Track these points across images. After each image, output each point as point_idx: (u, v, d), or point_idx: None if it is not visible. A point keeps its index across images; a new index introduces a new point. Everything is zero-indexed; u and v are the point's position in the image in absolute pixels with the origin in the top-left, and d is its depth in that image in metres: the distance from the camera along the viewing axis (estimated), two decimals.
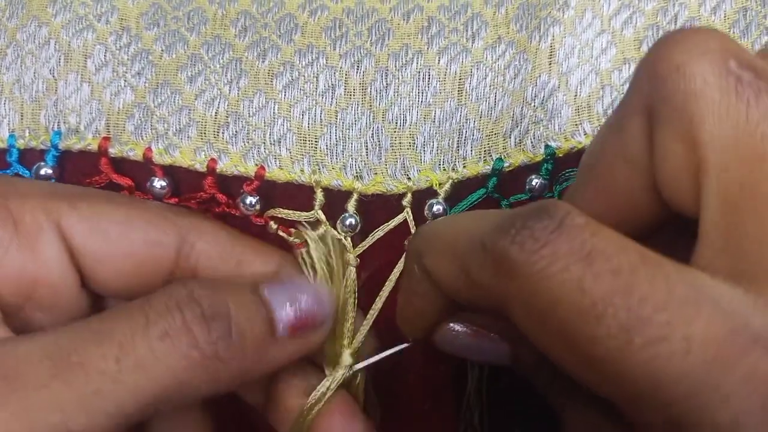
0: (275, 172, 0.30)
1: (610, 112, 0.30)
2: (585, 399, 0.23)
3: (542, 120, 0.30)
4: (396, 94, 0.30)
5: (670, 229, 0.23)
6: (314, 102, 0.30)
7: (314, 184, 0.30)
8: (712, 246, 0.20)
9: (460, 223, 0.24)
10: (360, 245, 0.30)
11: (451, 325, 0.26)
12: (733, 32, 0.30)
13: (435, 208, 0.30)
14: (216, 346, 0.23)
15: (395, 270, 0.30)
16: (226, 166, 0.30)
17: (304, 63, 0.30)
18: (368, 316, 0.30)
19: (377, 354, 0.29)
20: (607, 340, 0.19)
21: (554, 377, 0.25)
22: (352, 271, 0.29)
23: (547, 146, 0.29)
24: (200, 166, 0.30)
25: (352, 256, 0.30)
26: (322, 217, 0.30)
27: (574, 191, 0.24)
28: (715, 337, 0.18)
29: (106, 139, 0.30)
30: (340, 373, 0.29)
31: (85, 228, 0.27)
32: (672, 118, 0.20)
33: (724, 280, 0.19)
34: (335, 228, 0.30)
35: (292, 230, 0.30)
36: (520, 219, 0.20)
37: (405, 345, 0.28)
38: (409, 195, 0.30)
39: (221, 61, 0.30)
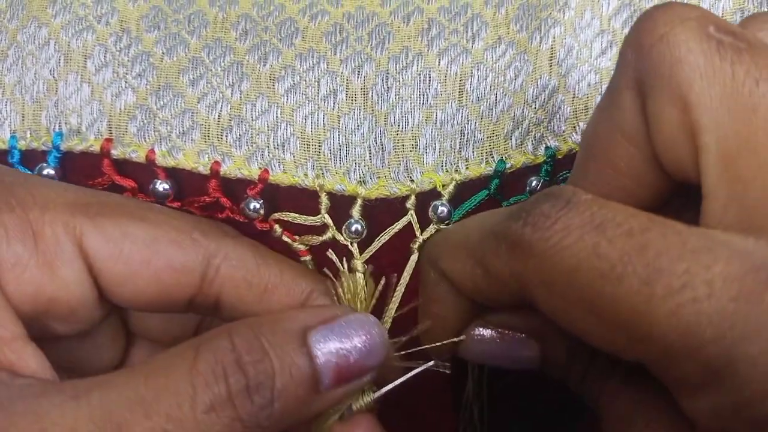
0: (279, 176, 0.30)
1: None
2: (619, 381, 0.24)
3: (543, 121, 0.30)
4: (397, 96, 0.30)
5: (675, 205, 0.23)
6: (316, 106, 0.30)
7: (318, 188, 0.30)
8: (717, 202, 0.21)
9: (470, 223, 0.24)
10: (367, 250, 0.30)
11: (476, 329, 0.26)
12: None
13: (440, 209, 0.30)
14: (257, 417, 0.23)
15: (404, 274, 0.30)
16: (229, 168, 0.30)
17: (305, 67, 0.30)
18: (383, 324, 0.29)
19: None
20: (630, 297, 0.19)
21: (587, 368, 0.25)
22: (360, 278, 0.30)
23: (547, 148, 0.30)
24: (204, 169, 0.30)
25: (359, 263, 0.30)
26: (329, 221, 0.30)
27: (576, 175, 0.25)
28: (735, 276, 0.18)
29: (109, 140, 0.30)
30: (360, 396, 0.28)
31: (109, 251, 0.26)
32: (662, 87, 0.21)
33: (735, 233, 0.20)
34: (341, 233, 0.30)
35: (296, 237, 0.31)
36: (529, 204, 0.21)
37: (429, 364, 0.27)
38: (413, 197, 0.30)
39: (222, 64, 0.30)
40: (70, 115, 0.30)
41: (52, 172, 0.31)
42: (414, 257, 0.30)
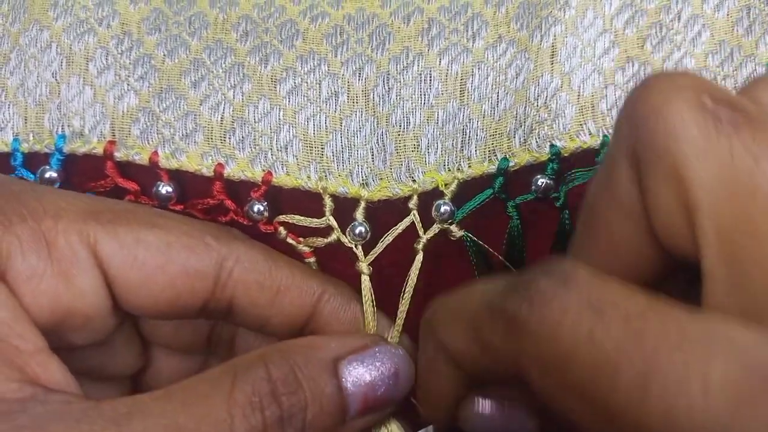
0: (282, 178, 0.30)
1: (614, 111, 0.30)
2: None
3: (546, 120, 0.30)
4: (398, 97, 0.30)
5: (682, 279, 0.23)
6: (318, 109, 0.30)
7: (321, 190, 0.30)
8: (717, 286, 0.20)
9: (469, 292, 0.24)
10: (371, 252, 0.30)
11: (476, 401, 0.26)
12: (737, 30, 0.31)
13: (442, 209, 0.30)
14: None
15: (411, 275, 0.30)
16: (233, 171, 0.30)
17: (306, 69, 0.30)
18: (395, 325, 0.30)
19: None
20: (624, 391, 0.18)
21: None
22: (366, 280, 0.30)
23: (552, 146, 0.30)
24: (207, 171, 0.30)
25: (364, 265, 0.30)
26: (334, 223, 0.30)
27: (576, 246, 0.24)
28: (733, 377, 0.17)
29: (112, 143, 0.30)
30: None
31: (123, 258, 0.26)
32: (656, 162, 0.20)
33: (736, 319, 0.19)
34: (345, 236, 0.30)
35: (301, 239, 0.31)
36: (527, 278, 0.20)
37: (428, 427, 0.28)
38: (415, 197, 0.30)
39: (223, 65, 0.30)
40: (72, 118, 0.31)
41: (54, 174, 0.31)
42: (419, 257, 0.30)
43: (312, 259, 0.31)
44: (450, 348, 0.24)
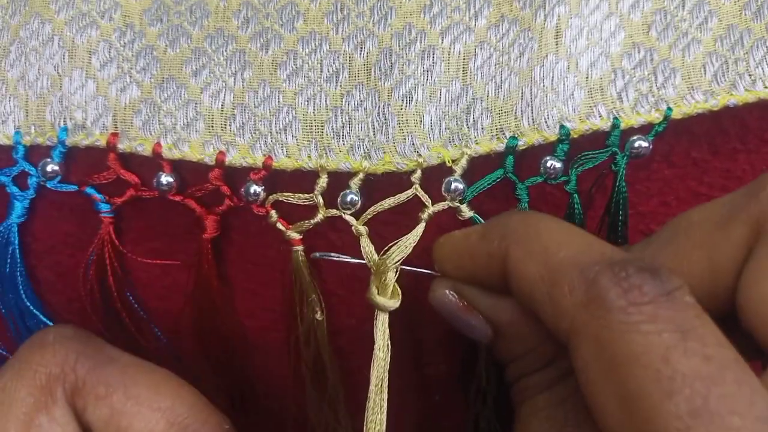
0: (283, 161, 0.29)
1: (623, 96, 0.29)
2: (542, 405, 0.24)
3: (555, 102, 0.29)
4: (401, 72, 0.29)
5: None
6: (319, 88, 0.30)
7: (320, 168, 0.29)
8: None
9: (565, 236, 0.24)
10: (364, 214, 0.30)
11: (448, 292, 0.27)
12: (745, 14, 0.30)
13: (453, 185, 0.29)
14: None
15: (411, 235, 0.30)
16: (234, 158, 0.29)
17: (307, 51, 0.30)
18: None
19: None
20: (671, 419, 0.18)
21: (520, 377, 0.25)
22: (366, 241, 0.30)
23: (562, 126, 0.29)
24: (209, 160, 0.30)
25: (361, 227, 0.30)
26: (320, 201, 0.30)
27: (659, 247, 0.24)
28: None
29: (114, 134, 0.30)
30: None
31: None
32: None
33: None
34: (336, 205, 0.30)
35: (291, 226, 0.31)
36: (634, 268, 0.20)
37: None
38: (419, 171, 0.29)
39: (225, 53, 0.30)
40: (75, 111, 0.30)
41: (56, 167, 0.31)
42: (421, 226, 0.30)
43: (300, 247, 0.31)
44: (514, 271, 0.24)
